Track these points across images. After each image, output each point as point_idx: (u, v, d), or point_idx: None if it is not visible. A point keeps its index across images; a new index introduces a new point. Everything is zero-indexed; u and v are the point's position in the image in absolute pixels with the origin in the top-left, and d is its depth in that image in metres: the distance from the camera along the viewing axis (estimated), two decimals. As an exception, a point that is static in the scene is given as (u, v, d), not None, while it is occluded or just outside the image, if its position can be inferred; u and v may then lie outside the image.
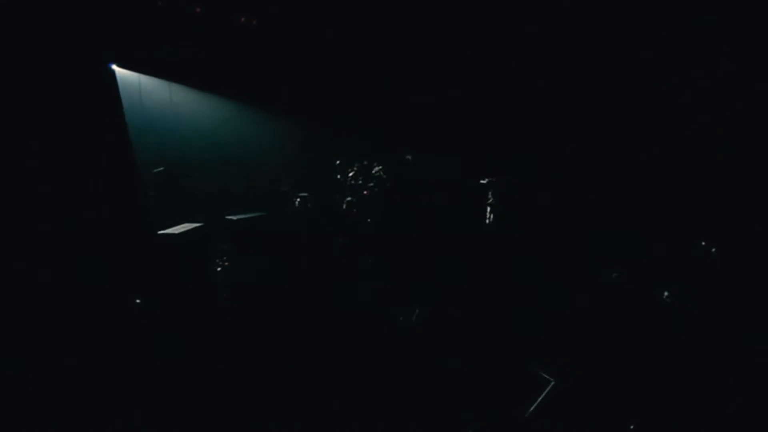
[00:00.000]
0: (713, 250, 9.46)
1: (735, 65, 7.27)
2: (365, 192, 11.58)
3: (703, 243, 9.44)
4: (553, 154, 9.03)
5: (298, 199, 10.95)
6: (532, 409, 6.86)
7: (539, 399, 7.17)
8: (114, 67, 11.86)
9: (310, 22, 10.81)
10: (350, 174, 11.78)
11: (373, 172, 11.72)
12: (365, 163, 11.77)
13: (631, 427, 6.06)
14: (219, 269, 9.78)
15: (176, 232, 9.28)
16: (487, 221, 10.30)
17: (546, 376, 7.66)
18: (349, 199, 10.80)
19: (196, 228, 9.47)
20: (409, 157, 11.86)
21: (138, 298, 8.76)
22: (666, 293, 9.31)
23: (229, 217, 10.08)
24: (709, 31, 7.23)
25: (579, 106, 8.55)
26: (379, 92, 11.68)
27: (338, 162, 12.13)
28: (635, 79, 8.02)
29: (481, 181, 10.54)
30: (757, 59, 7.14)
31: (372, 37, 10.54)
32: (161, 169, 10.89)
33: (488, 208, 10.24)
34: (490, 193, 10.32)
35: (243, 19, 11.50)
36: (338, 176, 11.94)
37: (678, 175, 8.73)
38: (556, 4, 7.70)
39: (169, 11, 11.19)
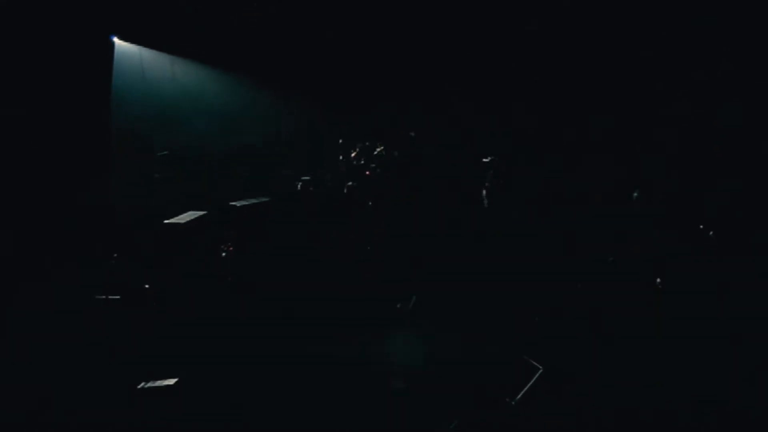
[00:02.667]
0: (711, 233, 9.59)
1: (735, 65, 7.25)
2: (367, 172, 11.68)
3: (701, 226, 9.56)
4: (551, 149, 9.09)
5: (301, 183, 11.07)
6: (519, 396, 7.06)
7: (527, 386, 7.44)
8: (115, 39, 11.92)
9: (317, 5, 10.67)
10: (352, 154, 11.84)
11: (375, 152, 11.79)
12: (367, 143, 11.82)
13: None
14: (224, 255, 9.99)
15: (182, 221, 9.52)
16: (484, 202, 10.35)
17: (535, 363, 7.92)
18: (350, 183, 10.91)
19: (200, 216, 9.71)
20: (413, 134, 11.88)
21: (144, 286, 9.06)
22: (659, 280, 9.52)
23: (233, 203, 10.23)
24: (709, 31, 7.17)
25: (579, 104, 8.56)
26: (381, 76, 11.58)
27: (341, 141, 12.18)
28: (635, 78, 8.01)
29: (484, 160, 10.58)
30: (758, 59, 7.10)
31: (376, 25, 10.41)
32: (165, 152, 11.00)
33: (484, 192, 10.28)
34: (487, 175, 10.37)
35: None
36: (341, 157, 12.01)
37: (677, 168, 8.83)
38: (556, 4, 7.63)
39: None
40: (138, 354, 7.13)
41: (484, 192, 10.16)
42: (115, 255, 8.94)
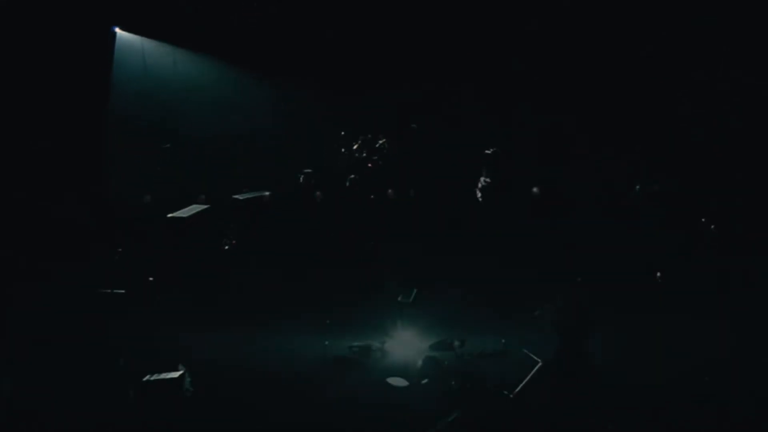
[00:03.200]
0: (712, 227, 9.68)
1: (735, 65, 7.27)
2: (369, 165, 11.69)
3: (703, 220, 9.63)
4: (551, 147, 9.14)
5: (303, 176, 11.10)
6: (518, 389, 7.12)
7: (526, 379, 7.52)
8: (117, 30, 11.92)
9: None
10: (354, 147, 11.82)
11: (377, 145, 11.78)
12: (369, 136, 11.80)
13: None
14: (227, 247, 10.09)
15: (185, 215, 9.61)
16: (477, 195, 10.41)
17: (533, 357, 8.02)
18: (352, 176, 10.96)
19: (203, 210, 9.79)
20: (414, 125, 11.87)
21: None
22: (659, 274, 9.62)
23: (236, 197, 10.29)
24: (709, 31, 7.18)
25: (579, 103, 8.61)
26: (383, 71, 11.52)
27: (342, 133, 12.14)
28: (634, 78, 8.04)
29: (486, 151, 10.61)
30: (757, 59, 7.12)
31: (378, 21, 10.35)
32: (168, 145, 11.04)
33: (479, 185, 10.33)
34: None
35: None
36: (342, 149, 11.99)
37: (677, 165, 8.92)
38: (556, 4, 7.63)
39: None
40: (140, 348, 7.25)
41: (479, 186, 10.20)
42: (120, 250, 9.10)
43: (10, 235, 8.27)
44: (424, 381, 6.64)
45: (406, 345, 7.45)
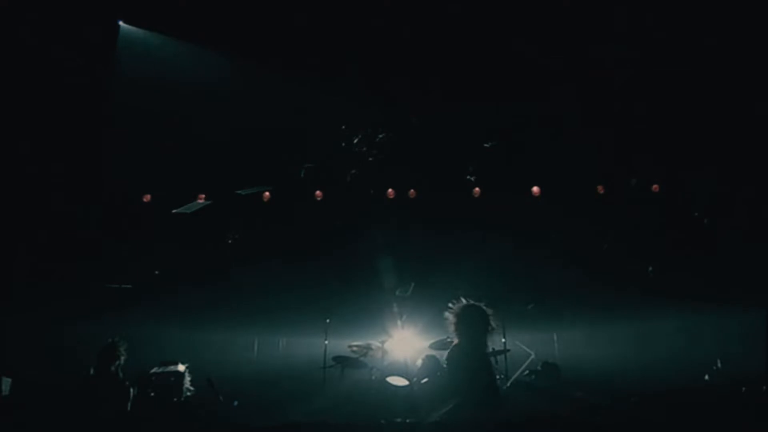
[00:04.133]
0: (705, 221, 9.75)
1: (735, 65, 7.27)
2: (369, 159, 11.72)
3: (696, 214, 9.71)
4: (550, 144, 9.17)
5: (304, 170, 11.12)
6: (512, 379, 7.21)
7: (519, 371, 7.61)
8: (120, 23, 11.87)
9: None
10: (355, 141, 11.84)
11: (377, 139, 11.80)
12: (369, 130, 11.81)
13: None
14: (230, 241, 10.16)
15: (189, 211, 9.72)
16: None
17: (526, 348, 8.10)
18: (353, 171, 11.00)
19: (206, 205, 9.90)
20: (414, 120, 11.88)
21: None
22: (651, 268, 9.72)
23: (239, 192, 10.35)
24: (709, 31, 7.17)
25: (578, 101, 8.62)
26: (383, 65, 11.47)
27: (343, 127, 12.14)
28: (634, 76, 8.05)
29: (485, 145, 10.66)
30: (757, 59, 7.12)
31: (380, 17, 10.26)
32: (171, 142, 11.03)
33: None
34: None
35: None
36: (343, 144, 12.00)
37: (674, 160, 8.96)
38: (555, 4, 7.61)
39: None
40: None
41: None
42: (123, 247, 9.18)
43: (11, 235, 8.32)
44: (424, 380, 6.72)
45: (406, 344, 7.53)
